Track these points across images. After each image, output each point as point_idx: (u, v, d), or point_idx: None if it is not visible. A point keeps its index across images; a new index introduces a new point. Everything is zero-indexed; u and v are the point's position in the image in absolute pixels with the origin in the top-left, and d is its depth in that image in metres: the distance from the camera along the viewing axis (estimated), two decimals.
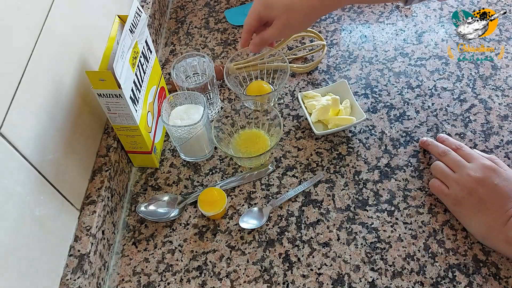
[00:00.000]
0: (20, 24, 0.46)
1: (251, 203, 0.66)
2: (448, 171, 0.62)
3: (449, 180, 0.61)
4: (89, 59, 0.62)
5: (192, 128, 0.63)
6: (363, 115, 0.68)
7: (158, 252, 0.62)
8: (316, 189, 0.66)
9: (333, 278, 0.58)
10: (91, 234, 0.56)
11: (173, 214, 0.64)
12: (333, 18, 0.88)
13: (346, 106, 0.71)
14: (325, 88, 0.74)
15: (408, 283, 0.57)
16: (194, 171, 0.70)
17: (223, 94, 0.79)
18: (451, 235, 0.60)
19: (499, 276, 0.57)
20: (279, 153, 0.70)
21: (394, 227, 0.62)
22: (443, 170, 0.62)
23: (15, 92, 0.45)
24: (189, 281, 0.59)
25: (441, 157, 0.64)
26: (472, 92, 0.75)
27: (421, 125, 0.72)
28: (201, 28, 0.89)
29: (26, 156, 0.47)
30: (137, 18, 0.58)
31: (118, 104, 0.57)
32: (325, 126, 0.71)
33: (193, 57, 0.72)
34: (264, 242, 0.62)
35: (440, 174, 0.63)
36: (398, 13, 0.88)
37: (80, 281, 0.53)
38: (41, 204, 0.50)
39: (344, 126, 0.69)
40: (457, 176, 0.60)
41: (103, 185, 0.60)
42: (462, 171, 0.60)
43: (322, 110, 0.69)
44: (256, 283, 0.58)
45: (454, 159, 0.62)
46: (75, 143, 0.58)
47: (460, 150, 0.63)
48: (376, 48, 0.82)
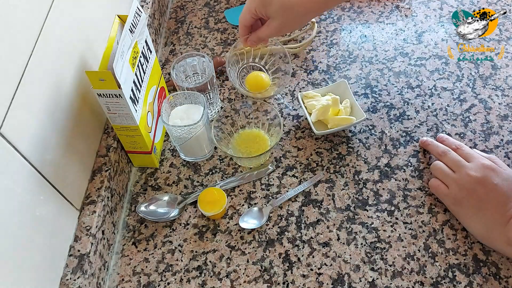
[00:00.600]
0: (20, 24, 0.46)
1: (251, 203, 0.66)
2: (448, 171, 0.62)
3: (449, 180, 0.61)
4: (89, 59, 0.62)
5: (192, 128, 0.63)
6: (363, 115, 0.68)
7: (158, 252, 0.62)
8: (316, 189, 0.66)
9: (333, 278, 0.58)
10: (91, 234, 0.56)
11: (173, 214, 0.64)
12: (333, 18, 0.88)
13: (346, 106, 0.71)
14: (325, 88, 0.74)
15: (408, 283, 0.57)
16: (194, 171, 0.70)
17: (223, 94, 0.79)
18: (451, 235, 0.60)
19: (499, 276, 0.57)
20: (279, 153, 0.70)
21: (394, 227, 0.62)
22: (442, 170, 0.62)
23: (15, 92, 0.45)
24: (189, 281, 0.59)
25: (441, 157, 0.64)
26: (472, 92, 0.75)
27: (421, 125, 0.72)
28: (201, 28, 0.89)
29: (26, 156, 0.47)
30: (137, 18, 0.58)
31: (118, 104, 0.57)
32: (325, 126, 0.71)
33: (193, 57, 0.72)
34: (264, 242, 0.62)
35: (440, 174, 0.63)
36: (398, 13, 0.88)
37: (80, 281, 0.53)
38: (41, 204, 0.50)
39: (344, 126, 0.69)
40: (457, 176, 0.60)
41: (103, 185, 0.60)
42: (462, 171, 0.60)
43: (322, 110, 0.69)
44: (256, 283, 0.58)
45: (454, 159, 0.62)
46: (75, 143, 0.58)
47: (460, 150, 0.63)
48: (376, 48, 0.82)
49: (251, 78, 0.76)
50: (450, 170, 0.62)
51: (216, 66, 0.78)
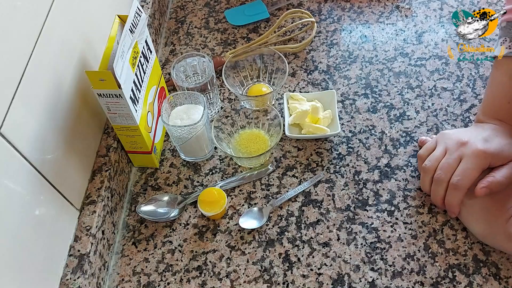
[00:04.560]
0: (20, 24, 0.46)
1: (251, 203, 0.66)
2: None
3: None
4: (89, 59, 0.62)
5: (192, 128, 0.63)
6: (338, 129, 0.68)
7: (158, 252, 0.62)
8: (316, 189, 0.66)
9: (333, 278, 0.58)
10: (91, 234, 0.56)
11: (173, 214, 0.64)
12: (333, 18, 0.88)
13: (326, 116, 0.71)
14: (313, 94, 0.74)
15: (408, 283, 0.57)
16: (194, 171, 0.70)
17: (223, 94, 0.79)
18: (451, 235, 0.60)
19: (499, 276, 0.57)
20: (279, 153, 0.70)
21: (394, 227, 0.62)
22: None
23: (15, 92, 0.45)
24: (189, 281, 0.59)
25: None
26: (472, 92, 0.75)
27: (421, 125, 0.72)
28: (201, 28, 0.89)
29: (26, 156, 0.47)
30: (137, 18, 0.58)
31: (118, 104, 0.57)
32: (300, 130, 0.71)
33: (193, 57, 0.72)
34: (264, 242, 0.62)
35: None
36: (398, 13, 0.88)
37: (80, 281, 0.53)
38: (41, 204, 0.50)
39: (316, 135, 0.69)
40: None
41: (103, 185, 0.60)
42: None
43: (299, 114, 0.70)
44: (256, 283, 0.58)
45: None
46: (75, 143, 0.58)
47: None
48: (376, 48, 0.82)
49: (253, 91, 0.76)
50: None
51: (216, 66, 0.78)
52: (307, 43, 0.81)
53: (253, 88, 0.77)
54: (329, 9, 0.89)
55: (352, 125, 0.72)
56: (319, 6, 0.90)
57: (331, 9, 0.89)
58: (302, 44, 0.81)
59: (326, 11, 0.89)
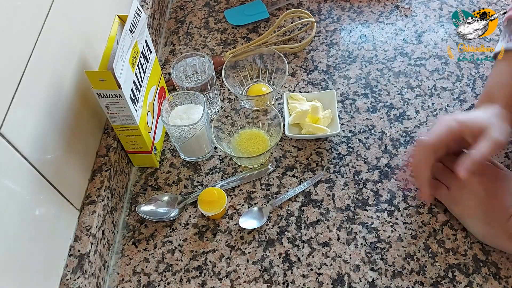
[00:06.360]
0: (20, 24, 0.46)
1: (251, 203, 0.66)
2: (447, 170, 0.62)
3: (449, 180, 0.61)
4: (89, 59, 0.62)
5: (192, 128, 0.63)
6: (338, 129, 0.68)
7: (158, 252, 0.62)
8: (316, 189, 0.66)
9: (333, 278, 0.58)
10: (91, 234, 0.56)
11: (173, 214, 0.64)
12: (333, 18, 0.88)
13: (326, 116, 0.71)
14: (313, 94, 0.74)
15: (408, 283, 0.57)
16: (194, 171, 0.70)
17: (222, 94, 0.79)
18: (451, 235, 0.60)
19: (499, 276, 0.57)
20: (279, 153, 0.70)
21: (394, 227, 0.62)
22: (442, 170, 0.62)
23: (15, 92, 0.45)
24: (189, 281, 0.59)
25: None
26: (472, 92, 0.75)
27: (421, 125, 0.72)
28: (201, 28, 0.89)
29: (26, 156, 0.47)
30: (137, 18, 0.58)
31: (118, 104, 0.57)
32: (300, 130, 0.71)
33: (193, 57, 0.72)
34: (264, 242, 0.62)
35: (439, 174, 0.63)
36: (398, 13, 0.88)
37: (80, 281, 0.53)
38: (41, 204, 0.50)
39: (316, 135, 0.69)
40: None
41: (103, 185, 0.60)
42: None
43: (299, 114, 0.70)
44: (256, 283, 0.58)
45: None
46: (75, 143, 0.58)
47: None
48: (375, 48, 0.82)
49: (253, 91, 0.76)
50: (450, 170, 0.62)
51: (216, 66, 0.78)
52: (307, 43, 0.81)
53: (253, 88, 0.77)
54: (329, 9, 0.89)
55: (352, 125, 0.72)
56: (318, 6, 0.90)
57: (331, 9, 0.89)
58: (302, 44, 0.81)
59: (326, 11, 0.89)
